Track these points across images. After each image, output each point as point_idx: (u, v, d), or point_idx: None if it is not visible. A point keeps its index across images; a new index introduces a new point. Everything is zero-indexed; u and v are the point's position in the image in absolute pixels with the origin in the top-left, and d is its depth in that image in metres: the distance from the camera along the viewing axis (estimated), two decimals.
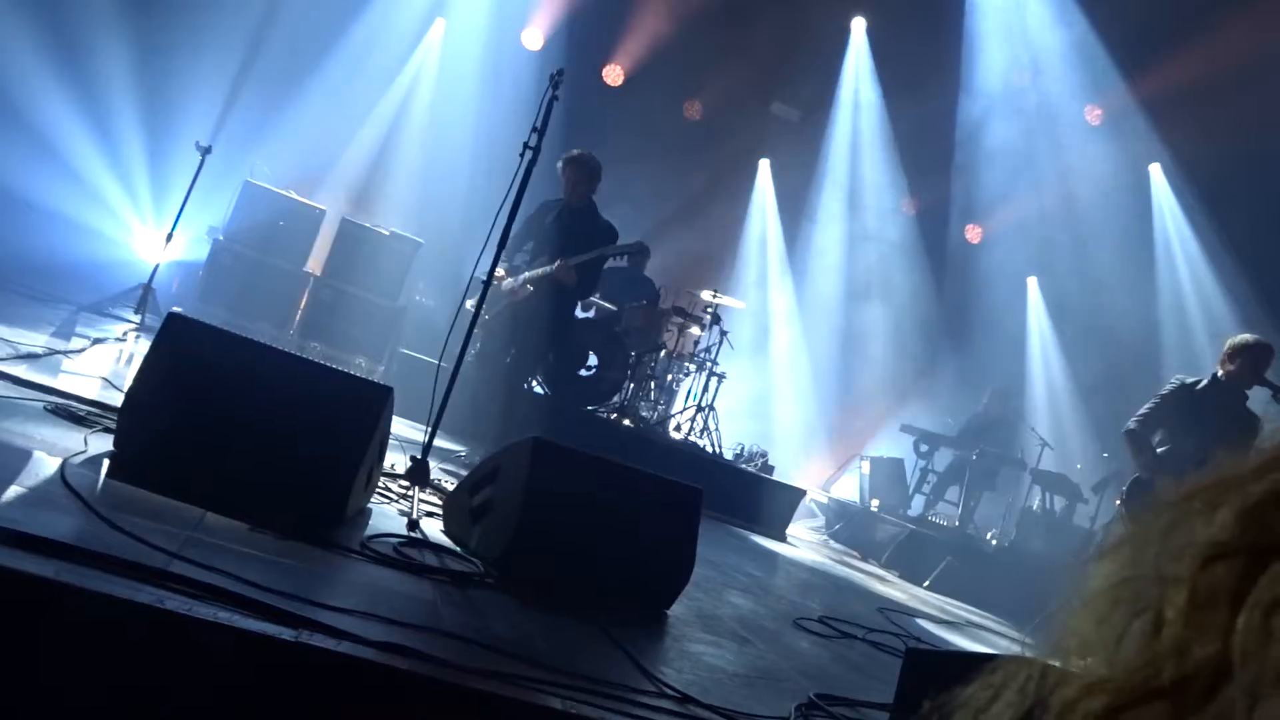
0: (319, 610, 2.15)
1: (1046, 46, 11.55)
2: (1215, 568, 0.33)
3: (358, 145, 10.84)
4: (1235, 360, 5.20)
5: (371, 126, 10.93)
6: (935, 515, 10.01)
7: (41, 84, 8.74)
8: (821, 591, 5.69)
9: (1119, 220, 11.91)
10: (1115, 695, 0.34)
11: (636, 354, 8.29)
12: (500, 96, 10.35)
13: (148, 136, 9.46)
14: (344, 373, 3.44)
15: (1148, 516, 0.38)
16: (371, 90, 10.95)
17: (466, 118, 10.72)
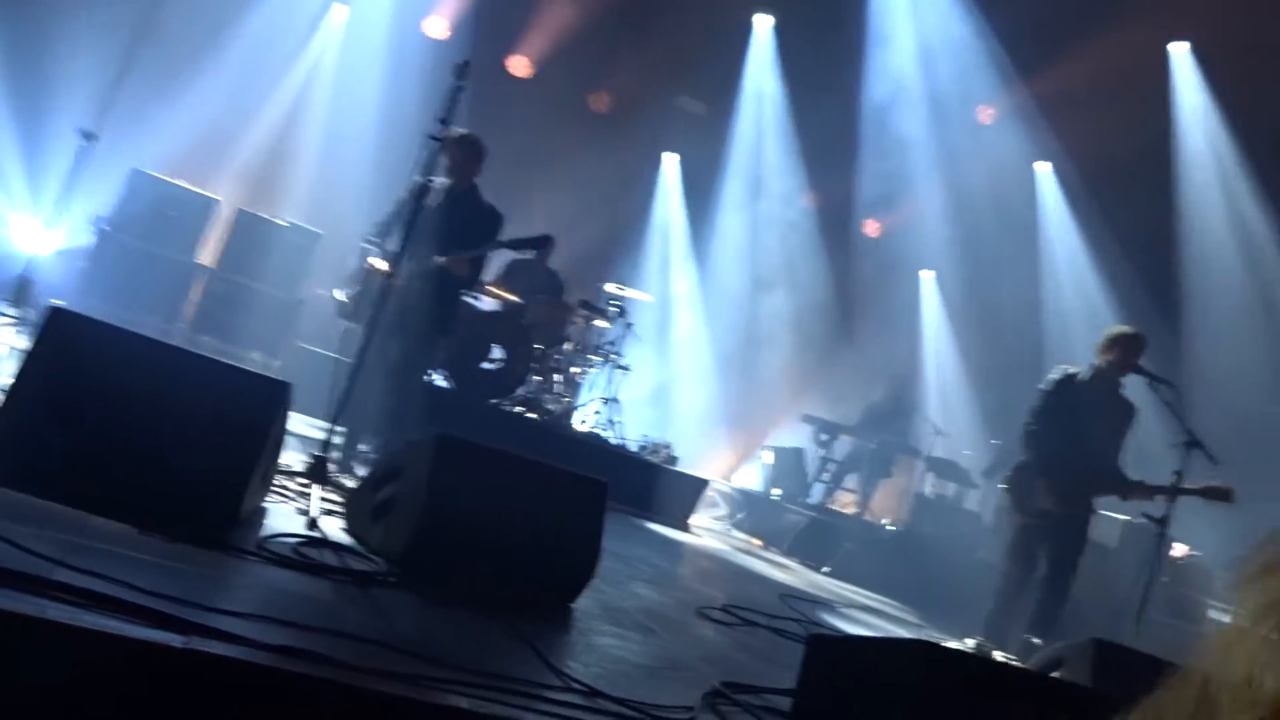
0: (212, 615, 2.09)
1: (944, 46, 11.89)
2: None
3: (254, 133, 10.50)
4: (1112, 350, 5.48)
5: (269, 114, 10.61)
6: (834, 502, 10.27)
7: None
8: (724, 580, 5.78)
9: (1008, 216, 12.36)
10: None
11: (542, 347, 8.26)
12: (403, 86, 10.14)
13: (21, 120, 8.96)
14: (238, 368, 3.34)
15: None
16: (269, 76, 10.61)
17: (368, 107, 10.48)
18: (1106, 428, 5.51)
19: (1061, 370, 5.64)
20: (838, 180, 13.01)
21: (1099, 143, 10.86)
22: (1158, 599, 7.87)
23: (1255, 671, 0.35)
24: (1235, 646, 0.36)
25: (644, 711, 2.36)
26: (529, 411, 8.16)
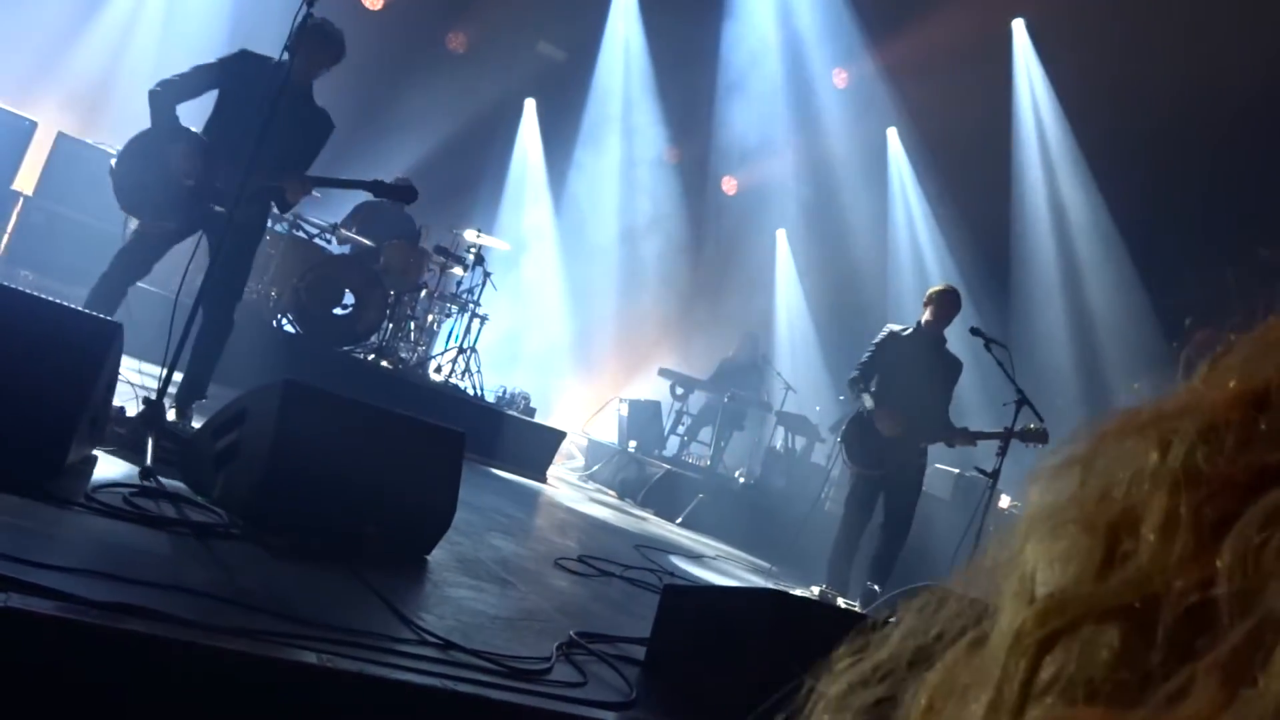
0: (33, 570, 1.93)
1: (801, 8, 12.07)
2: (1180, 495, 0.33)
3: (82, 51, 9.67)
4: (929, 307, 5.84)
5: (98, 31, 9.79)
6: (689, 455, 10.47)
7: None
8: (580, 531, 5.81)
9: (860, 178, 12.76)
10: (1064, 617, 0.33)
11: (396, 293, 8.02)
12: (244, 7, 9.52)
13: None
14: (63, 306, 3.08)
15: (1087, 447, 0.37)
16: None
17: (208, 30, 9.80)
18: (931, 380, 5.85)
19: (888, 329, 5.97)
20: (698, 136, 13.11)
21: (944, 112, 11.30)
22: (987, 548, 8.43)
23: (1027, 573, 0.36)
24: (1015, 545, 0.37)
25: (499, 663, 2.34)
26: (382, 360, 7.94)
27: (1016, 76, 11.62)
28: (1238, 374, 0.34)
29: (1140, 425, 0.35)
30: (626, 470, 9.72)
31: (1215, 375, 0.35)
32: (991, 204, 11.72)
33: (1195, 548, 0.31)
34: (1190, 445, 0.33)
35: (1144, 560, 0.32)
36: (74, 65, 9.57)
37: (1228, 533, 0.30)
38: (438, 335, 9.52)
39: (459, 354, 8.71)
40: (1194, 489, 0.32)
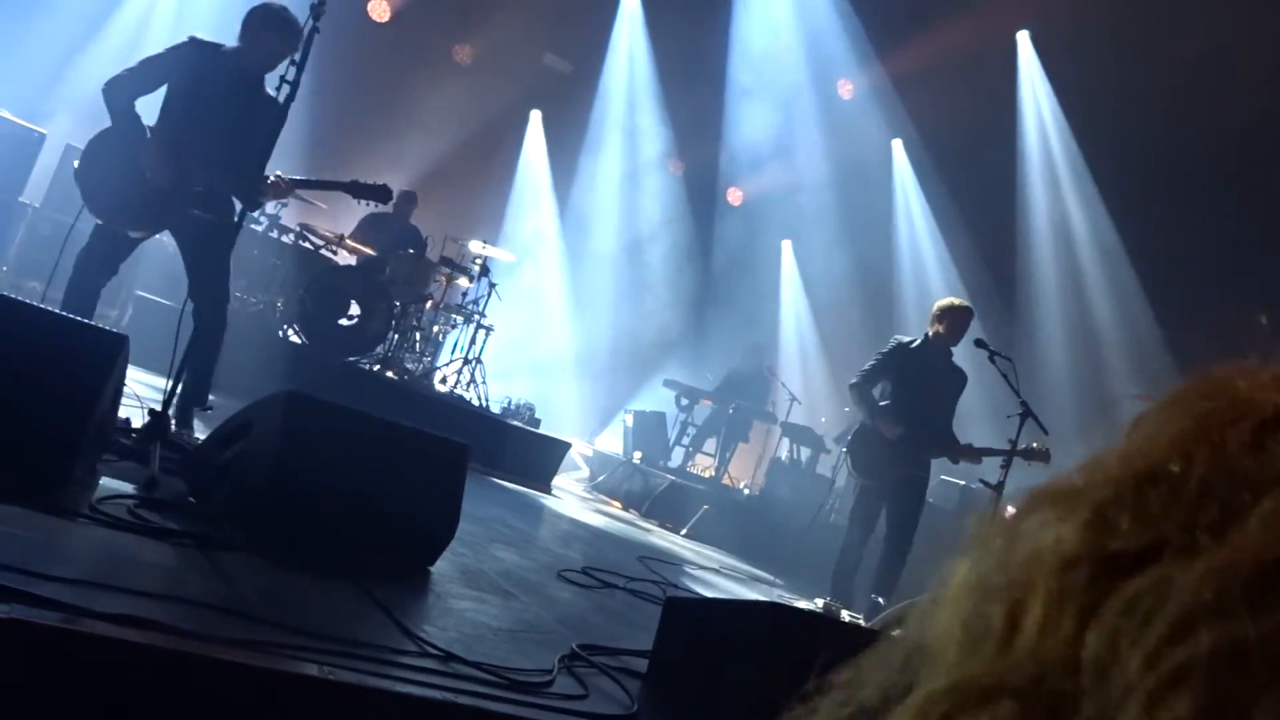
0: (37, 581, 1.94)
1: (807, 18, 12.10)
2: (1067, 575, 0.34)
3: (89, 63, 9.73)
4: (941, 321, 5.81)
5: (106, 43, 9.85)
6: (694, 466, 10.47)
7: None
8: (584, 542, 5.81)
9: (866, 189, 12.78)
10: (962, 696, 0.34)
11: (401, 304, 8.04)
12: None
13: None
14: (68, 318, 3.10)
15: (1004, 519, 0.39)
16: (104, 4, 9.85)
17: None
18: (937, 394, 5.83)
19: (896, 340, 5.95)
20: (704, 147, 13.15)
21: (949, 123, 11.32)
22: None
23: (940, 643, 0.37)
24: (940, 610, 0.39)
25: (500, 675, 2.34)
26: (388, 370, 7.96)
27: (1021, 88, 11.64)
28: (1139, 445, 0.35)
29: (1051, 499, 0.37)
30: (631, 481, 9.72)
31: (1127, 442, 0.36)
32: (996, 215, 11.73)
33: (1071, 632, 0.32)
34: (1082, 523, 0.34)
35: (1030, 642, 0.33)
36: (81, 77, 9.62)
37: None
38: (443, 346, 9.55)
39: (464, 365, 8.73)
40: (1074, 570, 0.33)
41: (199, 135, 4.16)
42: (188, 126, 4.19)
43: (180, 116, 4.22)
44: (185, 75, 4.22)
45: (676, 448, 10.71)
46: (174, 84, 4.24)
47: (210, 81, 4.17)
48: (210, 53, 4.29)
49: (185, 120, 4.21)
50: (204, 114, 4.17)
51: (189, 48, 4.29)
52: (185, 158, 4.18)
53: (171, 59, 4.25)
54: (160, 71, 4.24)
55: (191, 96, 4.21)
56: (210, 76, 4.19)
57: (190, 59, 4.25)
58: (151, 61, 4.25)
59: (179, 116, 4.23)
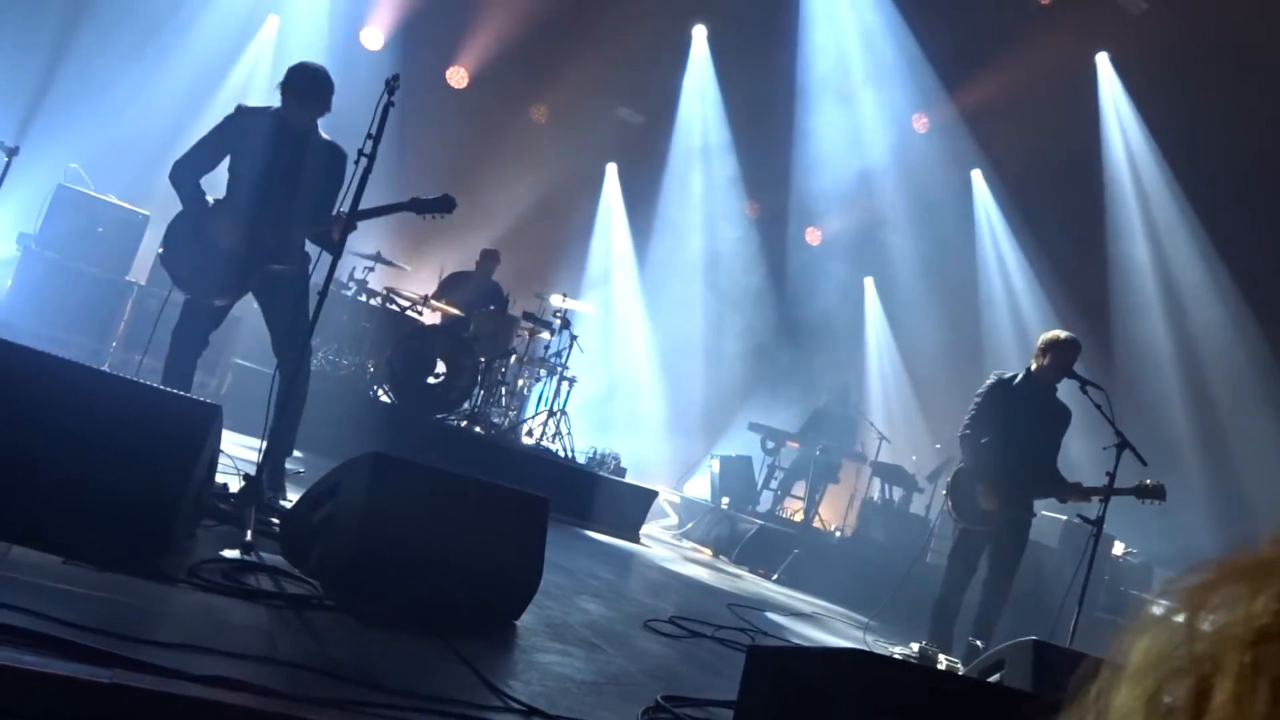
0: (140, 647, 2.03)
1: (877, 56, 12.08)
2: (1261, 649, 0.33)
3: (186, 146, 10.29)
4: (1046, 355, 5.57)
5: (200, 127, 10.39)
6: (783, 510, 10.34)
7: None
8: (673, 591, 5.78)
9: (946, 223, 12.60)
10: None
11: (486, 360, 8.20)
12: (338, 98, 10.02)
13: None
14: (165, 391, 3.26)
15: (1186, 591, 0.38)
16: (201, 89, 10.41)
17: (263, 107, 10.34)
18: (1042, 431, 5.61)
19: (995, 375, 5.75)
20: (778, 189, 13.16)
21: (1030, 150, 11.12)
22: (1099, 597, 8.07)
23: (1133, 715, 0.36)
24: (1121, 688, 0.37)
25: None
26: (475, 426, 8.10)
27: (1104, 111, 11.38)
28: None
29: (1239, 572, 0.36)
30: (720, 527, 9.65)
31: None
32: (1084, 241, 11.43)
33: (1266, 709, 0.32)
34: (1277, 597, 0.34)
35: (1220, 714, 0.32)
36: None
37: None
38: (528, 399, 9.68)
39: (549, 417, 8.83)
40: (1268, 644, 0.33)
41: (262, 195, 4.38)
42: (251, 189, 4.40)
43: (243, 181, 4.45)
44: (240, 142, 4.45)
45: (764, 491, 10.60)
46: (233, 152, 4.47)
47: (263, 142, 4.39)
48: (258, 116, 4.52)
49: (248, 184, 4.42)
50: (263, 174, 4.39)
51: (237, 117, 4.53)
52: (252, 219, 4.38)
53: (223, 132, 4.49)
54: (216, 146, 4.47)
55: (249, 160, 4.42)
56: (262, 138, 4.41)
57: (241, 126, 4.48)
58: (206, 139, 4.50)
59: (242, 181, 4.45)
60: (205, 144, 4.47)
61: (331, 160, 4.46)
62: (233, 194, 4.47)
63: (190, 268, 4.38)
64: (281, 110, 4.50)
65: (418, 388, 7.91)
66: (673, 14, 12.12)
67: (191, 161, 4.44)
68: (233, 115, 4.53)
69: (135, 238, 8.59)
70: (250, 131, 4.44)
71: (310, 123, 4.53)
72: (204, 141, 4.47)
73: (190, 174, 4.42)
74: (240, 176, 4.45)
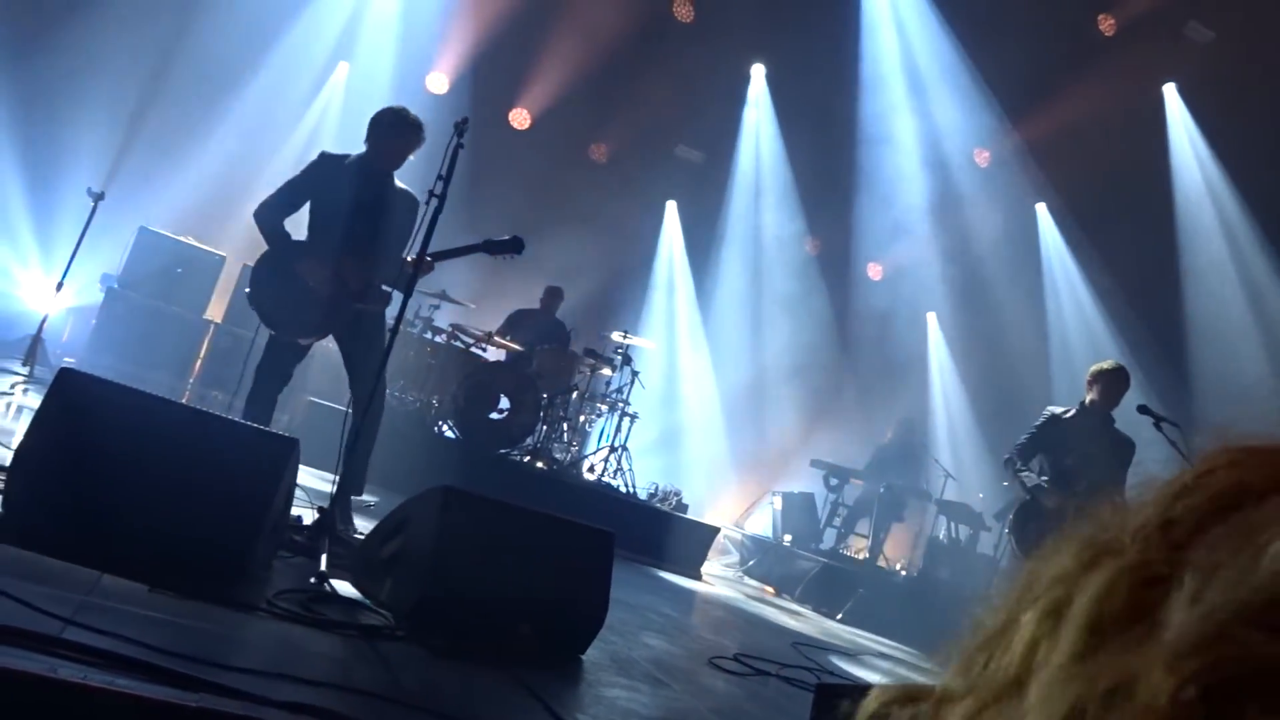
0: (222, 672, 2.10)
1: (938, 91, 12.06)
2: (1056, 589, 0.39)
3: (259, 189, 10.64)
4: (1094, 386, 5.52)
5: (274, 169, 10.76)
6: (846, 548, 10.20)
7: None
8: (736, 629, 5.74)
9: (1011, 256, 12.45)
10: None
11: (548, 396, 8.28)
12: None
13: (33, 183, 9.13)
14: (245, 424, 3.37)
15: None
16: (274, 134, 10.79)
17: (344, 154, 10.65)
18: (1100, 465, 5.51)
19: (1049, 411, 5.70)
20: (838, 225, 13.14)
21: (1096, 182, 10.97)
22: None
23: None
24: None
25: None
26: (537, 461, 8.17)
27: (1173, 141, 11.20)
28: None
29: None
30: (783, 565, 9.55)
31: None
32: (1155, 274, 11.19)
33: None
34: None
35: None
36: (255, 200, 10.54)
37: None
38: (590, 435, 9.74)
39: (610, 453, 8.86)
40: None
41: (344, 238, 4.54)
42: (333, 232, 4.57)
43: (325, 224, 4.61)
44: (322, 187, 4.62)
45: (828, 529, 10.48)
46: (315, 196, 4.64)
47: (345, 188, 4.56)
48: (340, 162, 4.68)
49: (330, 227, 4.59)
50: (345, 218, 4.55)
51: (320, 163, 4.71)
52: (336, 261, 4.55)
53: (307, 177, 4.67)
54: (299, 190, 4.65)
55: (331, 205, 4.58)
56: (344, 183, 4.58)
57: (324, 172, 4.65)
58: (291, 183, 4.67)
59: (324, 224, 4.62)
60: (290, 188, 4.65)
61: (405, 205, 4.60)
62: (315, 236, 4.64)
63: (277, 306, 4.54)
64: (363, 155, 4.66)
65: (482, 423, 8.01)
66: (731, 53, 12.25)
67: (276, 204, 4.61)
68: (316, 161, 4.71)
69: (212, 277, 8.89)
70: (332, 176, 4.61)
71: (393, 166, 4.68)
72: (289, 185, 4.65)
73: (275, 216, 4.59)
74: (322, 219, 4.62)
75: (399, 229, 4.53)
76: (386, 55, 11.24)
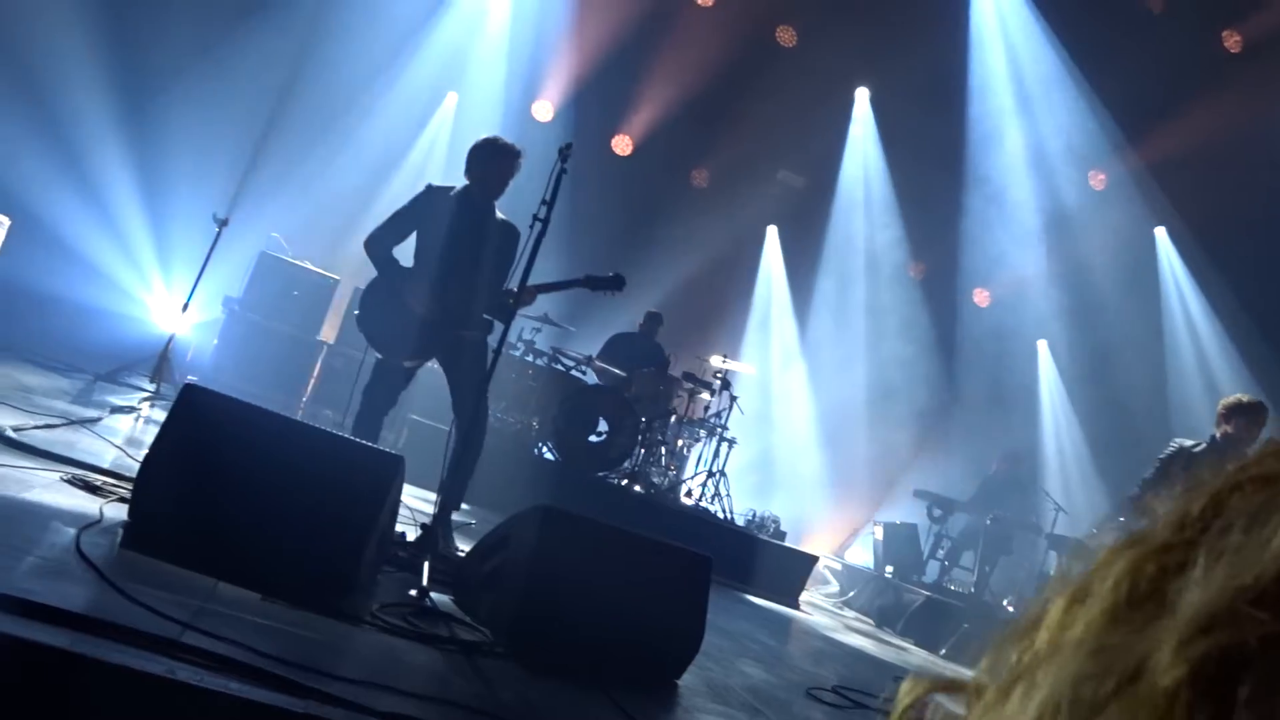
0: (329, 681, 2.16)
1: (1050, 112, 11.74)
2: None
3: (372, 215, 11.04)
4: (1231, 421, 5.20)
5: (386, 198, 11.14)
6: (951, 582, 9.90)
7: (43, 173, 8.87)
8: (835, 660, 5.62)
9: (1127, 282, 11.98)
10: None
11: (647, 420, 8.31)
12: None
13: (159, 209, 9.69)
14: (355, 441, 3.47)
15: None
16: (386, 163, 11.18)
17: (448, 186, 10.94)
18: None
19: (1176, 444, 5.40)
20: (944, 249, 12.87)
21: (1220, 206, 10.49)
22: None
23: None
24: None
25: None
26: (635, 485, 8.19)
27: None
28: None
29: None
30: (883, 597, 9.33)
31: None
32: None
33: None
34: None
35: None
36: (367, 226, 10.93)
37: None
38: (687, 460, 9.71)
39: (708, 478, 8.82)
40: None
41: (449, 266, 4.70)
42: (438, 261, 4.73)
43: (430, 253, 4.78)
44: (427, 217, 4.79)
45: (931, 561, 10.19)
46: (420, 226, 4.81)
47: (448, 218, 4.72)
48: (445, 194, 4.85)
49: (436, 256, 4.75)
50: (449, 247, 4.71)
51: (426, 195, 4.87)
52: (441, 288, 4.70)
53: (414, 208, 4.84)
54: (407, 220, 4.82)
55: (435, 234, 4.75)
56: (447, 214, 4.75)
57: (429, 203, 4.82)
58: (398, 214, 4.85)
59: (428, 253, 4.79)
60: (398, 218, 4.82)
61: (506, 236, 4.73)
62: (420, 263, 4.81)
63: (384, 330, 4.72)
64: (467, 188, 4.82)
65: (580, 445, 8.08)
66: (834, 77, 12.17)
67: (385, 234, 4.79)
68: (422, 193, 4.89)
69: (325, 300, 9.23)
70: (437, 207, 4.78)
71: (494, 196, 4.81)
72: (397, 216, 4.82)
73: (383, 245, 4.77)
74: (427, 248, 4.79)
75: (499, 258, 4.66)
76: (495, 85, 11.55)
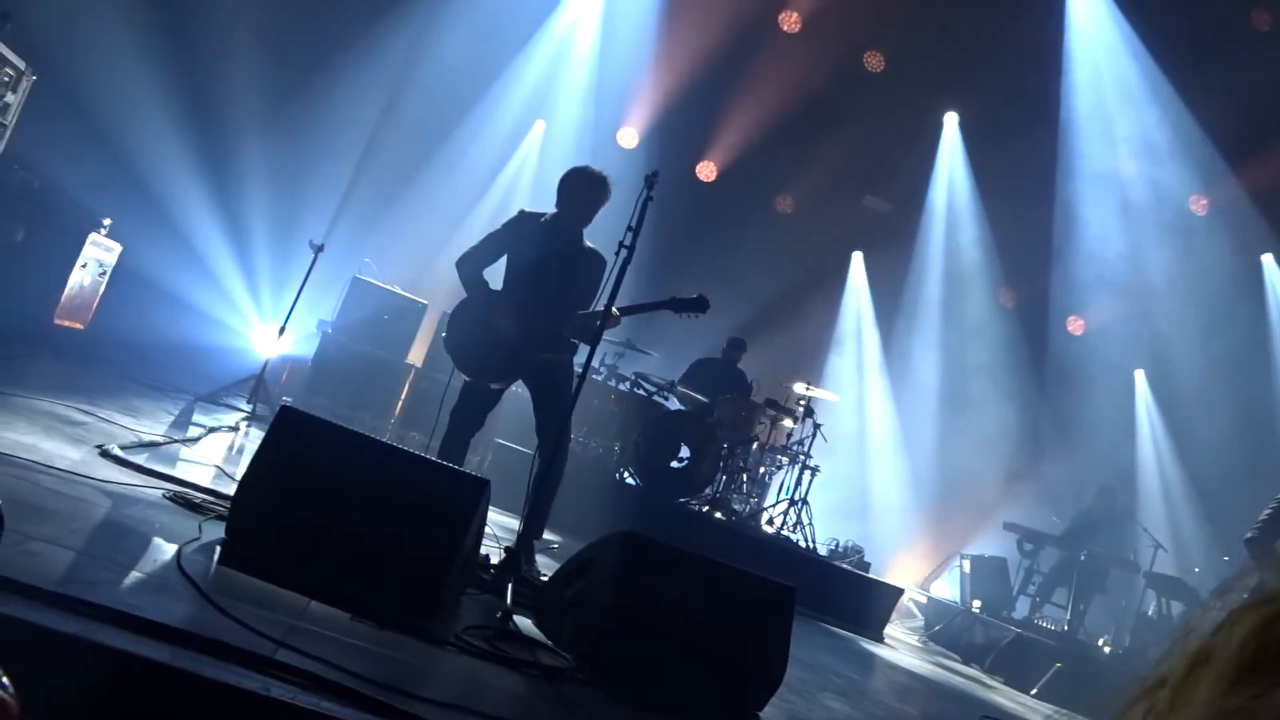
0: (415, 702, 2.19)
1: (1147, 137, 11.39)
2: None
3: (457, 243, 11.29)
4: None
5: (473, 225, 11.37)
6: (1042, 619, 9.57)
7: (187, 185, 9.62)
8: (921, 697, 5.48)
9: (1232, 311, 11.51)
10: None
11: (729, 446, 8.26)
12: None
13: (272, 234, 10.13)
14: (442, 465, 3.53)
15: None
16: (474, 189, 11.43)
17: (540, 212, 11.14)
18: None
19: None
20: (1035, 276, 12.55)
21: None
22: None
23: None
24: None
25: None
26: (716, 511, 8.14)
27: None
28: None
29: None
30: (971, 632, 9.07)
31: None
32: None
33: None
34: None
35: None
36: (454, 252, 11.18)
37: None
38: (770, 487, 9.62)
39: (790, 505, 8.72)
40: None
41: (537, 290, 4.76)
42: (525, 284, 4.80)
43: (518, 276, 4.86)
44: (518, 241, 4.86)
45: (1021, 597, 9.87)
46: (511, 250, 4.89)
47: (538, 244, 4.79)
48: (536, 220, 4.93)
49: (522, 279, 4.83)
50: (538, 272, 4.78)
51: (518, 219, 4.96)
52: (529, 311, 4.76)
53: (506, 231, 4.92)
54: (499, 243, 4.91)
55: (524, 258, 4.83)
56: (537, 239, 4.82)
57: (521, 228, 4.90)
58: (491, 236, 4.94)
59: (517, 277, 4.86)
60: (490, 240, 4.91)
61: (593, 264, 4.79)
62: (510, 287, 4.88)
63: (472, 353, 4.79)
64: (557, 215, 4.90)
65: (662, 471, 8.07)
66: (922, 102, 12.02)
67: (476, 255, 4.88)
68: (515, 217, 4.98)
69: (414, 324, 9.43)
70: (528, 232, 4.87)
71: (583, 224, 4.89)
72: (490, 238, 4.92)
73: (475, 267, 4.86)
74: (516, 271, 4.87)
75: (585, 285, 4.73)
76: (581, 113, 11.71)
